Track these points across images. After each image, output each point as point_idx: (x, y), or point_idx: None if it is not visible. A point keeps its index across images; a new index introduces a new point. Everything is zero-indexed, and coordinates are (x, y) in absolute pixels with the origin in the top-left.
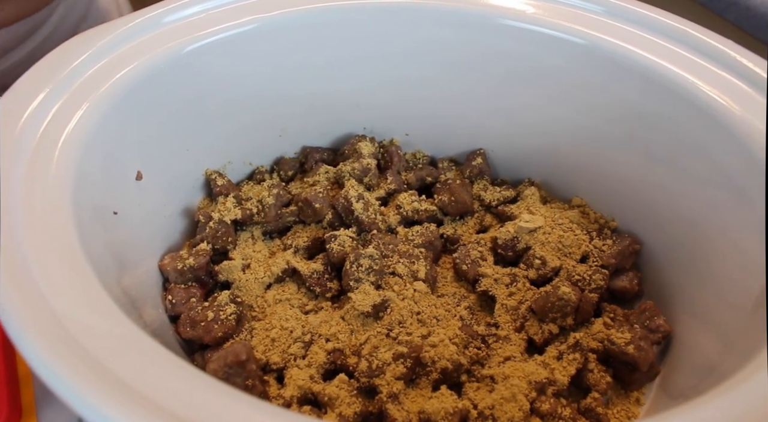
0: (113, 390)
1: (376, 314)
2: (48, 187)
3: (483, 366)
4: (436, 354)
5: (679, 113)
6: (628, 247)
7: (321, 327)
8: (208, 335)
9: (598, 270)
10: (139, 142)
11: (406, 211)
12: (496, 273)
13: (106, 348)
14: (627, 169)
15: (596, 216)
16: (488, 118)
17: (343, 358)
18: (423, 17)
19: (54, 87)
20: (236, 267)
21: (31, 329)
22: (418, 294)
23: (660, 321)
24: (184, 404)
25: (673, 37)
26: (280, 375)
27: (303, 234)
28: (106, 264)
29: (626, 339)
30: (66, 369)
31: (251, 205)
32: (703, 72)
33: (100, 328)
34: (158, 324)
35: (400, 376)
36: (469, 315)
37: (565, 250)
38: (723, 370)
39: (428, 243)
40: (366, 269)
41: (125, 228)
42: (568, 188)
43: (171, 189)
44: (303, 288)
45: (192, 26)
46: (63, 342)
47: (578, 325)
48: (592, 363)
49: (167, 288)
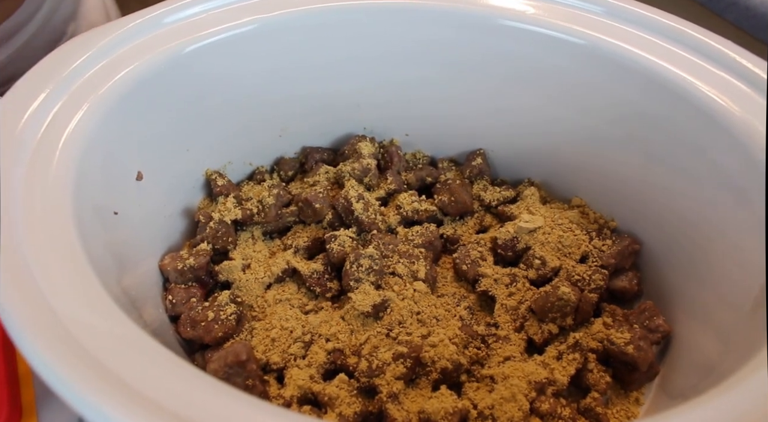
0: (114, 390)
1: (376, 314)
2: (48, 187)
3: (483, 366)
4: (436, 354)
5: (678, 113)
6: (628, 247)
7: (321, 327)
8: (209, 335)
9: (598, 271)
10: (139, 143)
11: (406, 211)
12: (496, 273)
13: (107, 348)
14: (627, 170)
15: (596, 217)
16: (488, 118)
17: (343, 358)
18: (423, 17)
19: (54, 87)
20: (236, 267)
21: (31, 329)
22: (418, 294)
23: (659, 321)
24: (185, 404)
25: (672, 37)
26: (280, 375)
27: (303, 234)
28: (107, 264)
29: (626, 339)
30: (66, 369)
31: (251, 205)
32: (702, 72)
33: (101, 328)
34: (158, 324)
35: (400, 376)
36: (468, 316)
37: (565, 250)
38: (722, 370)
39: (428, 243)
40: (366, 269)
41: (126, 228)
42: (568, 188)
43: (171, 189)
44: (303, 288)
45: (192, 26)
46: (63, 341)
47: (578, 325)
48: (591, 363)
49: (167, 288)
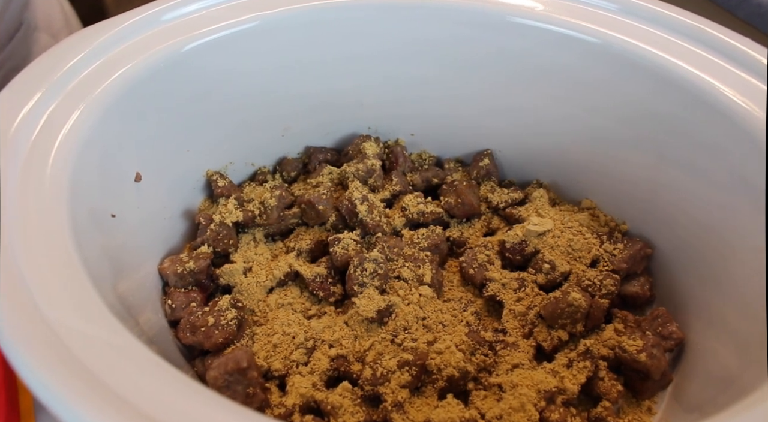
0: (105, 403)
1: (381, 319)
2: (43, 190)
3: (490, 373)
4: (442, 361)
5: (695, 114)
6: (640, 251)
7: (324, 333)
8: (209, 341)
9: (609, 275)
10: (137, 143)
11: (411, 213)
12: (504, 277)
13: (100, 359)
14: (639, 171)
15: (607, 219)
16: (496, 117)
17: (347, 365)
18: (429, 15)
19: (50, 87)
20: (237, 270)
21: (23, 341)
22: (423, 299)
23: (673, 327)
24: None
25: (688, 34)
26: (282, 382)
27: (306, 236)
28: (103, 269)
29: (638, 347)
30: (57, 381)
31: (253, 207)
32: (720, 71)
33: (95, 338)
34: (157, 330)
35: (405, 384)
36: (476, 321)
37: (575, 254)
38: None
39: (434, 246)
40: (370, 273)
41: (123, 231)
42: (578, 190)
43: (171, 190)
44: (306, 293)
45: (191, 24)
46: (56, 354)
47: (588, 332)
48: (602, 371)
49: (167, 292)
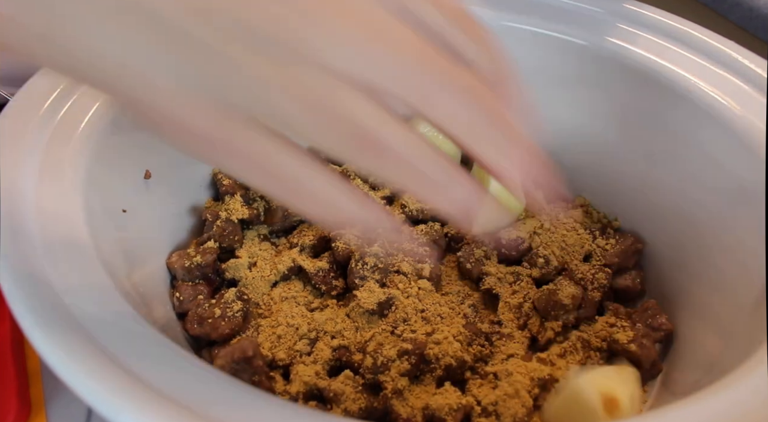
0: (126, 383)
1: (381, 312)
2: (60, 184)
3: (486, 363)
4: (440, 351)
5: (679, 113)
6: (631, 246)
7: (326, 325)
8: (215, 332)
9: (601, 269)
10: (148, 141)
11: (410, 209)
12: (500, 271)
13: (119, 342)
14: (630, 169)
15: (599, 216)
16: None
17: (349, 355)
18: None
19: (67, 85)
20: (243, 265)
21: (44, 326)
22: (422, 293)
23: (662, 319)
24: (197, 397)
25: (675, 37)
26: (286, 371)
27: (309, 232)
28: (117, 262)
29: (629, 337)
30: (78, 362)
31: (258, 206)
32: (704, 72)
33: (113, 323)
34: (166, 321)
35: (405, 373)
36: (472, 313)
37: (569, 249)
38: (723, 366)
39: (433, 242)
40: (371, 267)
41: (134, 225)
42: (571, 187)
43: (179, 187)
44: (309, 286)
45: None
46: (76, 337)
47: (581, 323)
48: (594, 360)
49: (175, 286)
